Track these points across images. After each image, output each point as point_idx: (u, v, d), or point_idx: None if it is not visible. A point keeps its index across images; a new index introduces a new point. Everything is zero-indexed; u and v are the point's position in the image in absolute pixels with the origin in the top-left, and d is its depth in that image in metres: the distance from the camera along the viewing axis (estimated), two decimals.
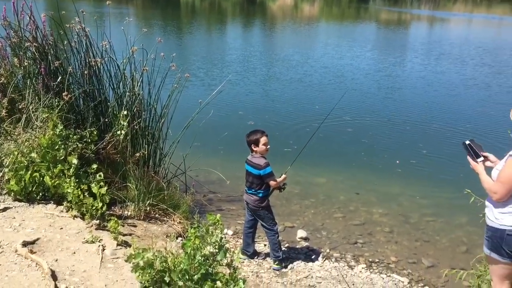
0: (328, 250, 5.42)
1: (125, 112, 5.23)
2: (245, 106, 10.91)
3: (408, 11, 47.22)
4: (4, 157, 4.83)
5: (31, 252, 3.78)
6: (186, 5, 46.66)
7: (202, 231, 3.17)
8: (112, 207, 5.01)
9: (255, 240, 5.14)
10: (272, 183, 4.66)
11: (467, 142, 3.59)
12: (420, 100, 12.23)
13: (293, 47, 20.54)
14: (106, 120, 5.45)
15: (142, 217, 5.00)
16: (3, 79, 5.53)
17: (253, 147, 4.67)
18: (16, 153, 4.72)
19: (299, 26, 31.30)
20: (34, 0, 5.60)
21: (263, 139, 4.63)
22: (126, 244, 4.20)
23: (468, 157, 3.54)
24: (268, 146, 4.68)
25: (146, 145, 5.50)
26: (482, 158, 3.49)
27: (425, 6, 56.02)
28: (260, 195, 4.71)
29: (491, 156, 3.54)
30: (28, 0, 5.64)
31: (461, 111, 11.38)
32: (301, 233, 5.72)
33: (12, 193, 4.68)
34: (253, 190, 4.72)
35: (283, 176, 4.77)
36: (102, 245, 4.05)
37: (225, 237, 3.29)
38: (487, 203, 3.38)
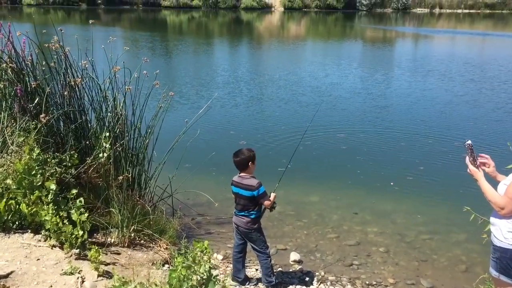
0: (323, 273, 5.18)
1: (107, 134, 5.00)
2: (236, 126, 10.72)
3: (393, 29, 47.78)
4: None
5: (4, 287, 3.50)
6: (174, 27, 46.82)
7: (189, 260, 2.93)
8: (95, 234, 4.74)
9: (245, 264, 4.89)
10: (266, 203, 4.46)
11: (469, 141, 3.25)
12: (413, 116, 12.09)
13: (282, 66, 20.47)
14: (87, 142, 5.21)
15: (126, 244, 4.73)
16: None
17: (250, 165, 4.45)
18: None
19: (286, 46, 31.40)
20: (13, 23, 5.43)
21: (255, 156, 4.47)
22: (108, 275, 3.93)
23: (468, 160, 3.28)
24: None
25: (130, 168, 5.26)
26: (478, 163, 3.27)
27: (410, 23, 56.79)
28: (253, 216, 4.49)
29: (491, 163, 3.33)
30: (7, 21, 5.46)
31: (455, 126, 11.24)
32: (294, 255, 5.47)
33: None
34: (244, 212, 4.49)
35: (273, 194, 4.55)
36: (81, 276, 3.78)
37: (213, 265, 3.05)
38: (493, 220, 3.15)
